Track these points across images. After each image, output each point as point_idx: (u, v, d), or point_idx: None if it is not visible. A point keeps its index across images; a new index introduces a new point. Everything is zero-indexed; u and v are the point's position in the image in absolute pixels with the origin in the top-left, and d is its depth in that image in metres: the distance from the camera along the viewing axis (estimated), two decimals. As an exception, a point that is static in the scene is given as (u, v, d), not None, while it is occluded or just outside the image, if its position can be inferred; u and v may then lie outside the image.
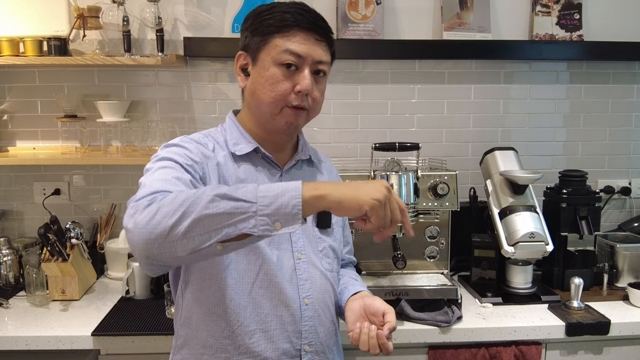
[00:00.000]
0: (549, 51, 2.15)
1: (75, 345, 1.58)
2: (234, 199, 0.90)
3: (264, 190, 0.92)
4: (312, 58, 1.17)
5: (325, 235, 1.29)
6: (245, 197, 0.90)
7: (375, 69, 2.20)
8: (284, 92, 1.17)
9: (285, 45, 1.16)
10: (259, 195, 0.91)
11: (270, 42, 1.17)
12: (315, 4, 2.13)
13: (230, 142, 1.24)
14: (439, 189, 1.79)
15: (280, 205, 0.90)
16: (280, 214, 0.91)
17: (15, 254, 1.96)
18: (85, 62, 1.90)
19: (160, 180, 1.01)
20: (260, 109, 1.21)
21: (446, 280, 1.79)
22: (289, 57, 1.15)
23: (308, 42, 1.17)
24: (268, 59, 1.17)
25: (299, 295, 1.20)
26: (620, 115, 2.29)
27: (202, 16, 2.13)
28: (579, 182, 1.91)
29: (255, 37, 1.19)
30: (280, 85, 1.16)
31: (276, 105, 1.18)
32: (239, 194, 0.91)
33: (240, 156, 1.23)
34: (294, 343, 1.19)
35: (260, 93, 1.18)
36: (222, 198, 0.90)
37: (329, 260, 1.29)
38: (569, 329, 1.65)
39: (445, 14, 2.14)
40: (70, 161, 2.07)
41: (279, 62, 1.16)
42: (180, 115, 2.17)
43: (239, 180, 1.20)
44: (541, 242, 1.74)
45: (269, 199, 0.91)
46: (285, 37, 1.16)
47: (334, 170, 1.48)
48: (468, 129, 2.25)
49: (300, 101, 1.18)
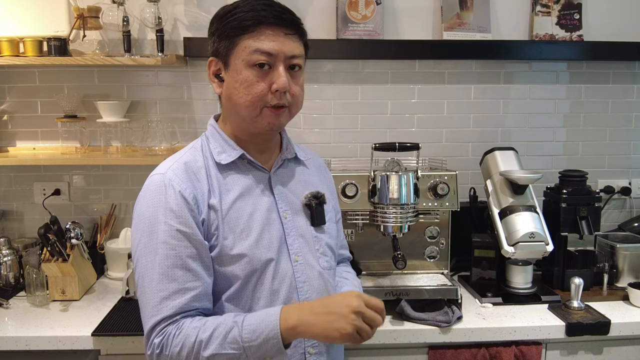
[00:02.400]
0: (549, 51, 2.15)
1: (75, 345, 1.58)
2: (227, 355, 1.05)
3: (249, 337, 1.05)
4: (284, 54, 1.14)
5: (320, 233, 1.28)
6: (236, 351, 1.05)
7: (375, 69, 2.20)
8: (261, 94, 1.14)
9: (254, 45, 1.12)
10: (245, 346, 1.05)
11: (239, 45, 1.14)
12: (315, 4, 2.16)
13: (214, 151, 1.21)
14: (439, 189, 1.79)
15: (263, 350, 1.05)
16: (268, 354, 1.07)
17: (15, 254, 1.95)
18: (85, 63, 1.90)
19: (161, 297, 1.09)
20: (239, 113, 1.18)
21: (446, 281, 1.79)
22: (259, 57, 1.12)
23: (277, 38, 1.13)
24: (239, 62, 1.14)
25: (298, 299, 1.20)
26: (620, 115, 2.29)
27: (202, 16, 2.12)
28: (579, 182, 1.91)
29: (223, 42, 1.16)
30: (255, 87, 1.14)
31: (254, 107, 1.15)
32: (229, 350, 1.05)
33: (227, 165, 1.20)
34: (297, 347, 1.19)
35: (236, 98, 1.16)
36: (217, 355, 1.05)
37: (327, 259, 1.28)
38: (569, 329, 1.65)
39: (445, 14, 2.14)
40: (70, 161, 2.07)
41: (251, 64, 1.13)
42: (180, 115, 2.17)
43: (224, 188, 1.18)
44: (541, 242, 1.74)
45: (254, 348, 1.05)
46: (253, 36, 1.13)
47: (322, 165, 1.45)
48: (468, 129, 2.25)
49: (278, 99, 1.15)
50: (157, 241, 1.10)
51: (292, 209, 1.25)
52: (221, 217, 1.15)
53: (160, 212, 1.11)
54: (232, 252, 1.15)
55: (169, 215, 1.10)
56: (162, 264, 1.09)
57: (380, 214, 1.74)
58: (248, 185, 1.21)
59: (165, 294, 1.08)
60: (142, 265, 1.11)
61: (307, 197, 1.27)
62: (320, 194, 1.28)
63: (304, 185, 1.30)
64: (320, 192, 1.29)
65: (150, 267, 1.10)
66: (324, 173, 1.43)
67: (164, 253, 1.09)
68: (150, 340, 1.09)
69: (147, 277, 1.10)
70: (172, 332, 1.07)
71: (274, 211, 1.22)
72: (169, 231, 1.10)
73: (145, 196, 1.14)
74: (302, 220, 1.26)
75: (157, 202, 1.12)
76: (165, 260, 1.09)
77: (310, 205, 1.26)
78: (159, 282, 1.09)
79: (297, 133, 2.14)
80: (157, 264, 1.09)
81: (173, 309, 1.08)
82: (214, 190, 1.17)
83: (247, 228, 1.17)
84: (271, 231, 1.20)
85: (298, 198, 1.27)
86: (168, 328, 1.08)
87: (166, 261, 1.09)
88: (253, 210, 1.19)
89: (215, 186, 1.17)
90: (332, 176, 1.46)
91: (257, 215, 1.19)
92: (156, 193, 1.13)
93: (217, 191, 1.17)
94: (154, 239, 1.10)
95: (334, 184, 1.47)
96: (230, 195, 1.18)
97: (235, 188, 1.19)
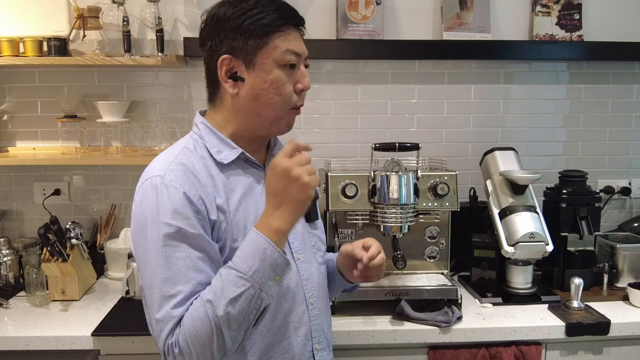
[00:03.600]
0: (549, 51, 2.15)
1: (75, 345, 1.58)
2: (238, 296, 1.00)
3: (246, 267, 1.01)
4: (305, 54, 1.17)
5: (314, 229, 1.29)
6: (243, 286, 1.00)
7: (375, 69, 2.20)
8: (289, 94, 1.15)
9: (284, 45, 1.12)
10: (248, 275, 1.00)
11: (269, 43, 1.12)
12: (315, 4, 2.16)
13: (212, 150, 1.18)
14: (439, 189, 1.79)
15: (266, 267, 1.02)
16: (275, 271, 1.03)
17: (15, 254, 1.96)
18: (85, 63, 1.91)
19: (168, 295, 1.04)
20: (261, 114, 1.16)
21: (446, 281, 1.79)
22: (291, 57, 1.13)
23: (299, 38, 1.16)
24: (269, 62, 1.12)
25: (305, 296, 1.20)
26: (620, 115, 2.29)
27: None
28: (579, 182, 1.91)
29: (251, 39, 1.12)
30: (286, 87, 1.14)
31: (282, 108, 1.15)
32: (237, 290, 1.00)
33: (227, 164, 1.18)
34: (306, 345, 1.18)
35: (265, 98, 1.14)
36: (230, 305, 0.99)
37: (321, 254, 1.30)
38: (569, 329, 1.65)
39: (445, 14, 2.14)
40: (70, 161, 2.07)
41: (282, 64, 1.13)
42: (180, 115, 2.17)
43: (227, 188, 1.16)
44: (541, 242, 1.74)
45: (259, 273, 1.01)
46: (282, 36, 1.13)
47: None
48: (468, 129, 2.25)
49: (303, 100, 1.18)
50: (165, 244, 1.04)
51: None
52: (230, 218, 1.13)
53: (167, 214, 1.06)
54: None
55: (176, 216, 1.05)
56: (174, 266, 1.04)
57: (380, 214, 1.74)
58: (249, 184, 1.20)
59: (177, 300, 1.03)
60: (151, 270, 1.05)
61: None
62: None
63: None
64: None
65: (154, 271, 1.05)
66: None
67: (173, 255, 1.04)
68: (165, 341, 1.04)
69: (156, 280, 1.05)
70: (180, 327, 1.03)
71: None
72: (176, 233, 1.05)
73: (147, 199, 1.08)
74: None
75: (160, 204, 1.07)
76: (176, 263, 1.04)
77: None
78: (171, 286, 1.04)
79: (297, 133, 2.15)
80: (166, 267, 1.04)
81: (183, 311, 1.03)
82: (218, 191, 1.14)
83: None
84: None
85: None
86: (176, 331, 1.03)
87: (178, 263, 1.04)
88: (257, 210, 1.17)
89: (220, 187, 1.15)
90: None
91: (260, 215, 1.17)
92: (159, 195, 1.07)
93: (222, 192, 1.14)
94: (160, 242, 1.05)
95: None
96: (235, 195, 1.16)
97: (238, 187, 1.18)
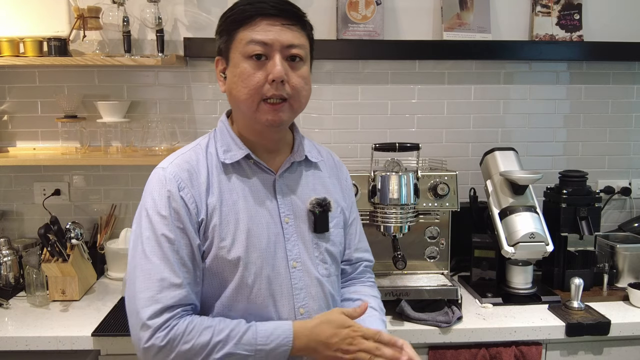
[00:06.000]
0: (549, 51, 2.15)
1: (75, 345, 1.58)
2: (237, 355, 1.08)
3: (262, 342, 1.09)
4: (280, 43, 1.12)
5: (321, 240, 1.25)
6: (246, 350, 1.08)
7: (375, 69, 2.20)
8: (257, 84, 1.12)
9: (249, 36, 1.12)
10: (258, 348, 1.09)
11: (236, 38, 1.14)
12: (315, 4, 2.16)
13: (219, 150, 1.20)
14: (439, 189, 1.79)
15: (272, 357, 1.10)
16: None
17: (15, 254, 1.95)
18: (85, 63, 1.90)
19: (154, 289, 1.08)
20: (240, 108, 1.18)
21: (446, 281, 1.79)
22: (254, 47, 1.11)
23: (274, 28, 1.12)
24: (237, 56, 1.14)
25: (294, 306, 1.19)
26: (620, 115, 2.29)
27: (202, 16, 2.13)
28: (579, 182, 1.91)
29: (223, 38, 1.17)
30: (252, 78, 1.12)
31: (252, 100, 1.13)
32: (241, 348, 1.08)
33: (231, 164, 1.19)
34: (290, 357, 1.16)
35: (235, 91, 1.15)
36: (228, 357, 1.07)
37: (326, 266, 1.26)
38: (569, 330, 1.65)
39: (445, 14, 2.14)
40: (70, 161, 2.07)
41: (247, 55, 1.12)
42: (180, 115, 2.17)
43: (225, 187, 1.17)
44: (541, 243, 1.74)
45: (264, 352, 1.09)
46: (249, 28, 1.12)
47: (337, 165, 1.40)
48: (468, 130, 2.25)
49: (275, 90, 1.12)
50: (156, 234, 1.10)
51: (295, 213, 1.23)
52: (219, 218, 1.15)
53: (161, 206, 1.12)
54: (229, 256, 1.14)
55: (168, 210, 1.11)
56: (162, 255, 1.09)
57: (381, 214, 1.74)
58: (251, 187, 1.20)
59: (165, 285, 1.08)
60: (139, 257, 1.11)
61: (312, 203, 1.24)
62: (325, 201, 1.25)
63: (312, 189, 1.27)
64: (327, 198, 1.25)
65: (147, 258, 1.10)
66: (338, 173, 1.38)
67: (162, 245, 1.10)
68: (149, 332, 1.06)
69: (142, 268, 1.10)
70: (182, 329, 1.06)
71: (276, 215, 1.20)
72: (167, 225, 1.11)
73: (147, 188, 1.16)
74: (305, 226, 1.24)
75: (156, 195, 1.13)
76: (164, 253, 1.09)
77: (314, 212, 1.24)
78: (157, 272, 1.08)
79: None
80: (155, 255, 1.09)
81: (172, 300, 1.08)
82: (213, 190, 1.16)
83: (245, 231, 1.15)
84: (270, 236, 1.18)
85: (304, 203, 1.24)
86: (173, 322, 1.07)
87: (165, 254, 1.09)
88: (254, 213, 1.17)
89: (216, 186, 1.16)
90: (348, 174, 1.43)
91: (257, 219, 1.17)
92: (156, 187, 1.14)
93: (217, 191, 1.16)
94: (151, 231, 1.11)
95: (350, 182, 1.43)
96: (231, 197, 1.17)
97: (237, 189, 1.18)
